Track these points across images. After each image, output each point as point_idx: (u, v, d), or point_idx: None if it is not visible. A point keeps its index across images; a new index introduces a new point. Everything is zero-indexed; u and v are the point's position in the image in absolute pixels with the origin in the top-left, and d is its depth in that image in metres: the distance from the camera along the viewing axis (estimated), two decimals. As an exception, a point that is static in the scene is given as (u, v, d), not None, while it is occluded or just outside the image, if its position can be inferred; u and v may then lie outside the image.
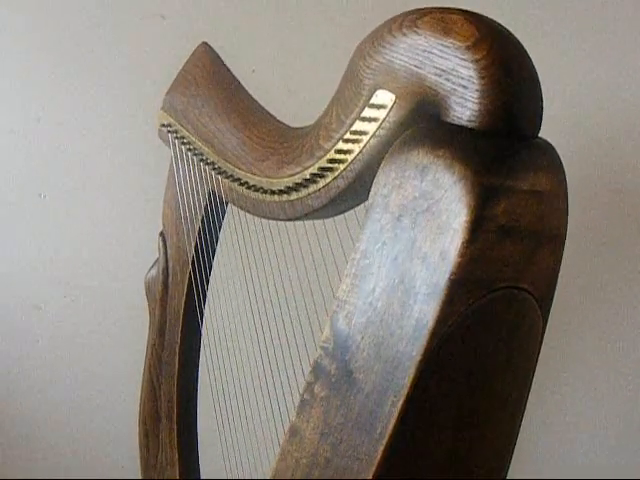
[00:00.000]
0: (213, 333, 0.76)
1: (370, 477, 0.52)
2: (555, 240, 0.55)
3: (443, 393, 0.53)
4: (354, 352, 0.53)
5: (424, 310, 0.50)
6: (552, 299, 0.57)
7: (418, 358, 0.50)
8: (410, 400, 0.51)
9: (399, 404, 0.51)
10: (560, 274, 0.57)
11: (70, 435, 1.25)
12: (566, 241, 0.56)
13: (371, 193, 0.54)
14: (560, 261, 0.56)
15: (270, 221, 0.67)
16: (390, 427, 0.51)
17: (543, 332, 0.58)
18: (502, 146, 0.51)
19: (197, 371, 0.79)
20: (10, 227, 1.20)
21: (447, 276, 0.49)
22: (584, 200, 1.08)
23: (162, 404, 0.77)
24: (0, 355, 1.23)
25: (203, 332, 0.78)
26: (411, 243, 0.51)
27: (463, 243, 0.49)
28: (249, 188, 0.66)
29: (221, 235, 0.75)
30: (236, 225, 0.71)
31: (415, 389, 0.51)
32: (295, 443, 0.57)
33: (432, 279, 0.50)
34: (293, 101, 0.98)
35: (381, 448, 0.52)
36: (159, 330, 0.77)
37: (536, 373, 0.58)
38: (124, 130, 1.17)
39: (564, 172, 0.54)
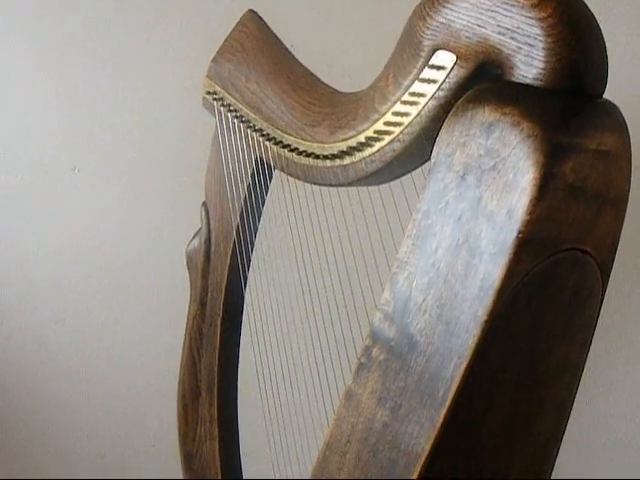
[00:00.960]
0: (258, 305, 0.75)
1: (432, 441, 0.51)
2: (618, 203, 0.54)
3: (506, 355, 0.52)
4: (415, 314, 0.53)
5: (490, 270, 0.49)
6: (612, 265, 0.56)
7: (484, 319, 0.49)
8: (474, 362, 0.50)
9: (463, 366, 0.50)
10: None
11: (95, 409, 1.25)
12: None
13: (433, 153, 0.53)
14: (621, 226, 0.55)
15: (321, 188, 0.66)
16: (453, 390, 0.50)
17: (602, 298, 0.57)
18: (569, 104, 0.50)
19: (239, 344, 0.78)
20: (36, 205, 1.19)
21: (515, 234, 0.48)
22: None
23: (202, 377, 0.76)
24: (26, 333, 1.22)
25: (247, 304, 0.77)
26: (476, 202, 0.50)
27: (531, 200, 0.48)
28: (299, 154, 0.65)
29: (267, 203, 0.74)
30: (285, 192, 0.70)
31: (479, 351, 0.50)
32: (351, 408, 0.56)
33: (499, 238, 0.49)
34: (332, 76, 0.97)
35: (443, 411, 0.51)
36: (200, 302, 0.76)
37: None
38: (156, 110, 1.16)
39: (629, 134, 0.53)
